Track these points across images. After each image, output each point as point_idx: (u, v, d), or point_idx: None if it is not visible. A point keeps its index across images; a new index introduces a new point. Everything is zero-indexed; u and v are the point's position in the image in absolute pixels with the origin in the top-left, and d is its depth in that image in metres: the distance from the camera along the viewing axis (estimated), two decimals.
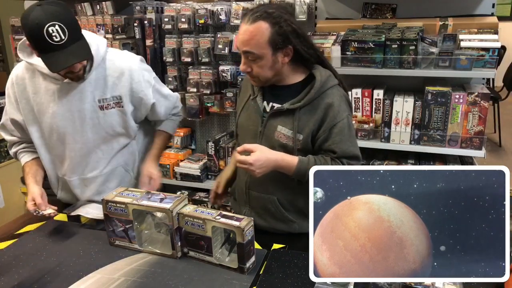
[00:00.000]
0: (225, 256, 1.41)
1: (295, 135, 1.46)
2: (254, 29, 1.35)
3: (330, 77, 1.48)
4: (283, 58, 1.42)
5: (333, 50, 2.34)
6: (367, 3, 2.59)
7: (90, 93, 1.61)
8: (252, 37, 1.36)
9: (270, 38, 1.36)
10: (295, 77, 1.49)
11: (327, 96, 1.45)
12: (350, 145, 1.47)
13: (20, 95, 1.64)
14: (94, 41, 1.60)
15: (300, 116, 1.46)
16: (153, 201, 1.42)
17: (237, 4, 2.68)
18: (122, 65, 1.65)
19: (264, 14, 1.35)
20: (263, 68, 1.42)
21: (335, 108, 1.44)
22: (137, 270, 1.37)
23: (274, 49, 1.38)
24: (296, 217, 1.57)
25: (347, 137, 1.46)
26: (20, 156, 1.78)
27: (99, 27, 3.02)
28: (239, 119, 1.62)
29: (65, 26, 1.38)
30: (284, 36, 1.37)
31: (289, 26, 1.37)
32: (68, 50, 1.40)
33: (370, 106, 2.40)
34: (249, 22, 1.36)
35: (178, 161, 3.09)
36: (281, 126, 1.48)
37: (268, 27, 1.35)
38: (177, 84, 2.94)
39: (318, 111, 1.45)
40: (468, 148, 2.26)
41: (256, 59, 1.40)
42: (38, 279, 1.35)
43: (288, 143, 1.48)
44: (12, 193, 3.22)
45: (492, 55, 2.12)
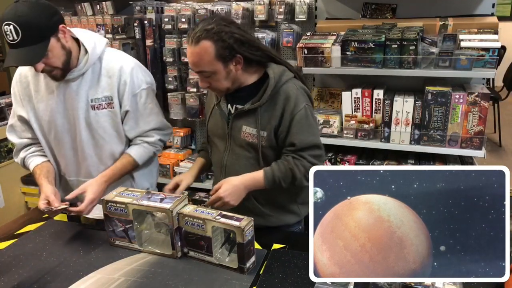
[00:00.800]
0: (225, 256, 1.41)
1: (259, 133, 1.51)
2: (199, 50, 1.39)
3: (284, 72, 1.53)
4: (236, 67, 1.45)
5: (333, 50, 2.33)
6: (367, 3, 2.59)
7: (84, 92, 1.62)
8: (200, 58, 1.40)
9: (216, 54, 1.39)
10: (252, 78, 1.54)
11: (283, 90, 1.50)
12: (308, 135, 1.51)
13: (23, 92, 1.67)
14: (92, 39, 1.60)
15: (262, 114, 1.51)
16: (153, 201, 1.42)
17: (237, 4, 2.68)
18: (115, 65, 1.64)
19: (204, 32, 1.38)
20: (220, 81, 1.46)
21: (292, 100, 1.49)
22: (137, 270, 1.37)
23: (224, 62, 1.42)
24: (272, 211, 1.63)
25: (305, 127, 1.50)
26: (29, 161, 1.74)
27: (99, 27, 3.03)
28: (208, 125, 1.68)
29: (20, 28, 1.37)
30: (229, 48, 1.40)
31: (231, 38, 1.40)
32: (18, 51, 1.41)
33: (370, 106, 2.40)
34: (193, 44, 1.39)
35: (178, 161, 3.09)
36: (245, 126, 1.54)
37: (211, 45, 1.38)
38: (177, 84, 2.94)
39: (277, 106, 1.49)
40: (468, 148, 2.26)
41: (211, 75, 1.44)
42: (38, 279, 1.35)
43: (254, 141, 1.53)
44: (12, 193, 3.22)
45: (492, 55, 2.12)
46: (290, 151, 1.52)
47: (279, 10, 2.62)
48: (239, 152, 1.58)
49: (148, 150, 1.75)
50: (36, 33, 1.42)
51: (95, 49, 1.60)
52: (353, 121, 2.41)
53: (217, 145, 1.65)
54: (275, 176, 1.50)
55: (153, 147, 1.76)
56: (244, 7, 2.67)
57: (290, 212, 1.66)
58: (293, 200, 1.66)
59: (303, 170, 1.49)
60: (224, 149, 1.61)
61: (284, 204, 1.64)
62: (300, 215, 1.70)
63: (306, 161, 1.50)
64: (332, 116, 2.48)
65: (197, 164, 1.77)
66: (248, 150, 1.56)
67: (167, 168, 3.04)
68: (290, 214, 1.67)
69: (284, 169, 1.50)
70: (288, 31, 2.65)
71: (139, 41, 2.96)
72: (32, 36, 1.41)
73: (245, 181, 1.50)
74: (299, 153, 1.51)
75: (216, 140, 1.65)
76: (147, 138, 1.74)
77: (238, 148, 1.57)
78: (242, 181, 1.50)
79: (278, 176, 1.50)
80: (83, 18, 3.08)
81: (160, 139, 1.78)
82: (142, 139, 1.74)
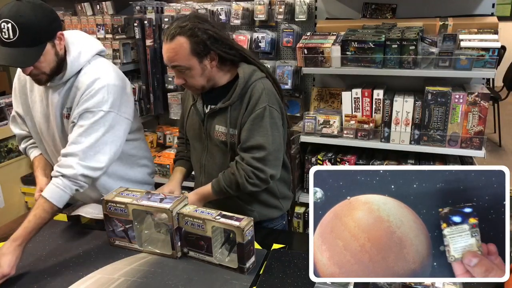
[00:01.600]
0: (225, 256, 1.41)
1: (228, 131, 1.55)
2: (174, 46, 1.43)
3: (254, 72, 1.55)
4: (211, 63, 1.49)
5: (333, 50, 2.33)
6: (367, 3, 2.59)
7: (60, 100, 1.58)
8: (175, 53, 1.43)
9: (191, 49, 1.43)
10: (225, 77, 1.57)
11: (250, 89, 1.53)
12: (256, 134, 1.50)
13: (21, 90, 1.69)
14: (78, 48, 1.55)
15: (231, 113, 1.55)
16: (153, 201, 1.42)
17: (237, 4, 2.68)
18: (88, 78, 1.54)
19: (179, 29, 1.42)
20: (195, 77, 1.49)
21: (254, 100, 1.51)
22: (137, 270, 1.37)
23: (199, 57, 1.45)
24: (254, 206, 1.66)
25: (256, 127, 1.50)
26: (30, 151, 1.80)
27: (99, 27, 3.02)
28: (186, 126, 1.71)
29: (18, 28, 1.34)
30: (203, 44, 1.44)
31: (205, 34, 1.44)
32: (11, 50, 1.36)
33: (370, 106, 2.40)
34: (168, 40, 1.43)
35: None
36: (218, 125, 1.58)
37: (186, 40, 1.42)
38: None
39: (243, 105, 1.53)
40: (468, 148, 2.26)
41: (186, 71, 1.47)
42: (38, 279, 1.35)
43: (225, 139, 1.57)
44: (12, 193, 3.22)
45: (492, 55, 2.12)
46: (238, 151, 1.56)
47: (279, 10, 2.62)
48: (215, 151, 1.62)
49: (68, 187, 1.46)
50: (33, 36, 1.39)
51: (78, 60, 1.54)
52: (353, 121, 2.41)
53: (194, 146, 1.69)
54: (221, 186, 1.54)
55: (72, 183, 1.47)
56: (244, 7, 2.67)
57: (272, 207, 1.70)
58: (274, 195, 1.69)
59: (243, 174, 1.50)
60: (202, 149, 1.66)
61: (265, 199, 1.67)
62: (283, 209, 1.74)
63: (245, 163, 1.51)
64: (332, 116, 2.48)
65: (179, 173, 1.78)
66: (222, 149, 1.60)
67: (167, 168, 3.04)
68: (272, 208, 1.70)
69: (228, 177, 1.54)
70: (288, 31, 2.65)
71: (139, 41, 2.96)
72: (29, 39, 1.38)
73: (198, 198, 1.58)
74: (241, 154, 1.53)
75: (193, 141, 1.70)
76: (66, 170, 1.47)
77: (214, 148, 1.62)
78: (195, 198, 1.57)
79: (223, 186, 1.54)
80: (83, 18, 3.08)
81: (83, 173, 1.47)
82: (60, 171, 1.47)
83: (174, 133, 3.21)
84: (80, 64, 1.55)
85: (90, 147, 1.50)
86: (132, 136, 1.74)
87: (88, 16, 3.09)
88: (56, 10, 1.52)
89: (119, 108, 1.56)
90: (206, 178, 1.66)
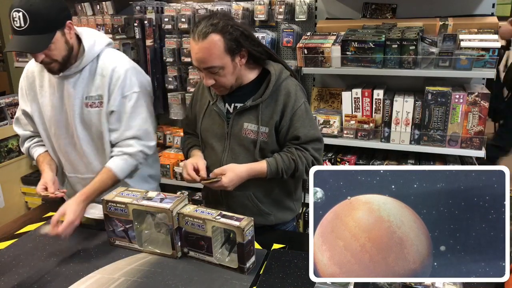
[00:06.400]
0: (225, 256, 1.41)
1: (259, 128, 1.53)
2: (208, 44, 1.39)
3: (282, 70, 1.56)
4: (240, 61, 1.48)
5: (333, 50, 2.33)
6: (367, 3, 2.59)
7: (80, 89, 1.64)
8: (209, 52, 1.40)
9: (225, 47, 1.40)
10: (250, 75, 1.56)
11: (283, 87, 1.53)
12: (310, 128, 1.56)
13: (29, 88, 1.71)
14: (92, 38, 1.62)
15: (263, 110, 1.53)
16: (153, 201, 1.42)
17: (237, 4, 2.68)
18: (109, 65, 1.64)
19: (211, 27, 1.39)
20: (227, 76, 1.47)
21: (292, 97, 1.52)
22: (137, 270, 1.37)
23: (232, 55, 1.44)
24: (271, 209, 1.64)
25: (306, 121, 1.55)
26: (33, 150, 1.81)
27: (99, 27, 3.02)
28: (202, 125, 1.65)
29: (28, 15, 1.40)
30: (236, 41, 1.42)
31: (237, 31, 1.42)
32: (23, 38, 1.43)
33: (370, 106, 2.40)
34: (200, 39, 1.39)
35: (178, 161, 3.09)
36: (247, 123, 1.55)
37: (220, 38, 1.39)
38: (177, 84, 2.94)
39: (278, 102, 1.52)
40: (468, 148, 2.26)
41: (218, 71, 1.44)
42: (38, 279, 1.35)
43: (255, 137, 1.55)
44: (12, 193, 3.22)
45: (492, 55, 2.12)
46: (294, 144, 1.55)
47: (279, 10, 2.62)
48: (238, 151, 1.58)
49: (129, 163, 1.67)
50: (43, 24, 1.44)
51: (94, 47, 1.62)
52: (353, 121, 2.41)
53: (213, 146, 1.62)
54: (279, 167, 1.52)
55: (134, 159, 1.68)
56: (244, 7, 2.67)
57: (286, 208, 1.69)
58: (290, 196, 1.68)
59: (305, 162, 1.53)
60: (222, 149, 1.60)
61: (282, 200, 1.66)
62: (295, 211, 1.73)
63: (309, 153, 1.54)
64: (332, 116, 2.48)
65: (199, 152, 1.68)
66: (248, 148, 1.56)
67: (167, 168, 3.04)
68: (286, 210, 1.69)
69: (288, 160, 1.52)
70: (288, 31, 2.65)
71: (139, 41, 2.96)
72: (39, 26, 1.44)
73: (248, 171, 1.51)
74: (303, 146, 1.55)
75: (212, 140, 1.63)
76: (127, 149, 1.66)
77: (238, 147, 1.57)
78: (246, 170, 1.50)
79: (281, 167, 1.52)
80: (83, 18, 3.08)
81: (141, 150, 1.68)
82: (122, 150, 1.67)
83: (174, 133, 3.21)
84: (96, 51, 1.62)
85: (140, 128, 1.67)
86: None
87: (88, 16, 3.09)
88: None
89: (144, 86, 1.71)
90: None
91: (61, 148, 1.75)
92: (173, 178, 3.07)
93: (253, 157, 1.56)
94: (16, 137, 3.04)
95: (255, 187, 1.58)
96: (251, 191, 1.59)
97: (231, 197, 1.62)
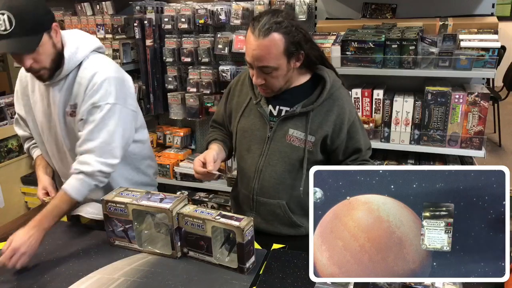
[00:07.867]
0: (225, 256, 1.41)
1: (306, 137, 1.46)
2: (269, 43, 1.32)
3: (336, 78, 1.51)
4: (295, 64, 1.41)
5: (333, 50, 2.33)
6: (367, 3, 2.59)
7: (62, 97, 1.58)
8: (268, 51, 1.33)
9: (285, 49, 1.34)
10: (300, 79, 1.49)
11: (337, 97, 1.46)
12: (365, 138, 1.55)
13: (22, 91, 1.70)
14: (75, 44, 1.54)
15: (313, 118, 1.46)
16: (153, 201, 1.42)
17: (237, 4, 2.68)
18: (89, 72, 1.54)
19: (275, 25, 1.31)
20: (278, 78, 1.41)
21: (347, 109, 1.47)
22: (137, 270, 1.37)
23: (289, 57, 1.37)
24: (302, 221, 1.55)
25: (363, 131, 1.54)
26: (33, 151, 1.82)
27: (99, 27, 3.02)
28: (239, 124, 1.56)
29: (14, 17, 1.34)
30: (297, 43, 1.36)
31: (300, 33, 1.36)
32: (9, 40, 1.35)
33: (370, 106, 2.40)
34: (261, 36, 1.31)
35: (178, 161, 3.09)
36: (292, 129, 1.47)
37: (282, 38, 1.32)
38: (177, 84, 2.94)
39: (331, 113, 1.45)
40: (468, 148, 2.26)
41: (272, 71, 1.38)
42: (38, 279, 1.35)
43: (300, 145, 1.47)
44: (12, 193, 3.22)
45: (492, 55, 2.12)
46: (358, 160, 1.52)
47: None
48: (277, 157, 1.50)
49: (86, 184, 1.51)
50: (30, 25, 1.38)
51: (75, 55, 1.53)
52: None
53: (250, 148, 1.54)
54: None
55: (91, 179, 1.51)
56: (244, 7, 2.66)
57: None
58: None
59: None
60: (260, 153, 1.52)
61: None
62: None
63: (370, 162, 1.55)
64: None
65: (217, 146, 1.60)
66: (289, 155, 1.48)
67: (167, 168, 3.04)
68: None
69: None
70: None
71: (139, 41, 2.96)
72: (26, 27, 1.37)
73: None
74: (364, 157, 1.53)
75: (250, 143, 1.54)
76: (83, 167, 1.51)
77: (277, 153, 1.49)
78: None
79: None
80: (83, 18, 3.08)
81: (99, 170, 1.51)
82: (79, 168, 1.51)
83: (174, 133, 3.21)
84: (78, 59, 1.54)
85: (105, 142, 1.52)
86: (137, 136, 1.73)
87: (88, 16, 3.09)
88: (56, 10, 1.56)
89: (124, 100, 1.58)
90: (261, 185, 1.53)
91: (54, 154, 1.72)
92: (173, 178, 3.07)
93: (291, 165, 1.49)
94: (16, 137, 3.04)
95: (290, 196, 1.52)
96: (285, 200, 1.53)
97: (262, 205, 1.56)
